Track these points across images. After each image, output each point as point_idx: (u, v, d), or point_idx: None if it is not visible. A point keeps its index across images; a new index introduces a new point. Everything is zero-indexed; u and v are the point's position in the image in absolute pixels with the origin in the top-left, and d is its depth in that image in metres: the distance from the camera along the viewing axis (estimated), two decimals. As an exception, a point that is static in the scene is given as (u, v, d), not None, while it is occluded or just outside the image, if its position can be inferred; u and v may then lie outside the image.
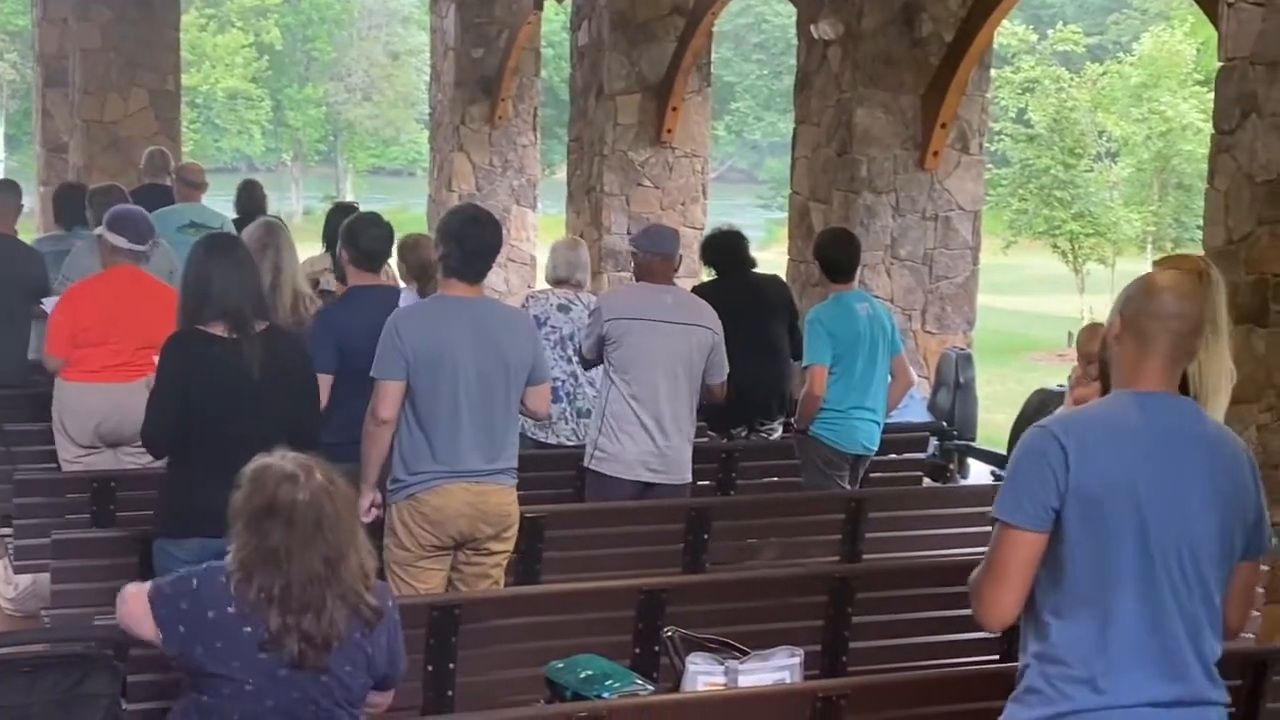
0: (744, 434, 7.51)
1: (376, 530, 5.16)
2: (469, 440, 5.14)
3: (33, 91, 20.07)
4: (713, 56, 13.41)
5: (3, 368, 7.70)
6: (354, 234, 5.95)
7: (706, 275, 7.83)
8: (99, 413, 6.38)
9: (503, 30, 15.49)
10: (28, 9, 23.33)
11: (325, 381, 5.45)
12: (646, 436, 6.25)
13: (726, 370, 6.47)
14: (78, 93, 15.19)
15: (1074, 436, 3.04)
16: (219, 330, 4.83)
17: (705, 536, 6.08)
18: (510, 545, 5.35)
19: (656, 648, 4.67)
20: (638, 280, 6.61)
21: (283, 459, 3.47)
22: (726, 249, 7.62)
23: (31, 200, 9.12)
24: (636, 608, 4.79)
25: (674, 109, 12.76)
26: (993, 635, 3.20)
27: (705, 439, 7.54)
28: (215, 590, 3.42)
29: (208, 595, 3.41)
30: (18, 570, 6.29)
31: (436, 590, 5.18)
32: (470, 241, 5.21)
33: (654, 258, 6.46)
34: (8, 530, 6.35)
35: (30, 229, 9.72)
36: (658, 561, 5.95)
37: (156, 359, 4.92)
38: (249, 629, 3.37)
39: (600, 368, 6.48)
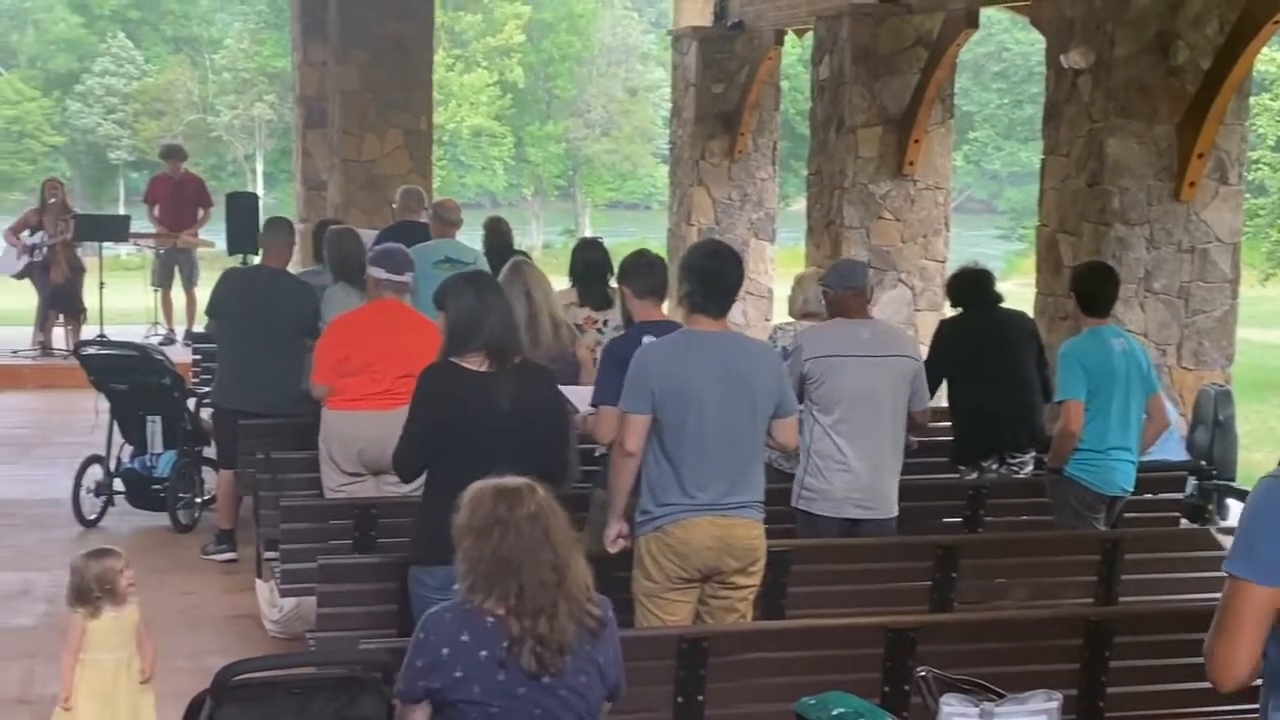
0: (994, 467, 7.40)
1: (625, 561, 5.25)
2: (714, 473, 5.17)
3: (291, 131, 20.96)
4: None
5: (273, 398, 8.03)
6: (630, 272, 5.99)
7: (950, 312, 7.78)
8: (361, 439, 6.63)
9: (743, 66, 15.56)
10: (287, 53, 24.44)
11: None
12: (852, 473, 6.19)
13: (929, 398, 6.38)
14: (337, 133, 15.62)
15: None
16: (475, 363, 4.99)
17: (953, 575, 5.99)
18: (757, 580, 5.35)
19: (906, 686, 4.62)
20: (831, 317, 6.55)
21: (502, 479, 3.54)
22: (973, 285, 7.60)
23: (293, 236, 9.76)
24: (885, 645, 4.75)
25: (916, 141, 12.62)
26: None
27: (954, 475, 7.46)
28: (444, 627, 3.46)
29: (438, 637, 3.45)
30: (284, 593, 6.56)
31: (683, 622, 5.21)
32: (713, 277, 5.27)
33: (846, 293, 6.41)
34: (274, 554, 6.65)
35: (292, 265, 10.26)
36: (903, 599, 5.89)
37: None
38: (485, 653, 3.42)
39: (803, 406, 6.43)
